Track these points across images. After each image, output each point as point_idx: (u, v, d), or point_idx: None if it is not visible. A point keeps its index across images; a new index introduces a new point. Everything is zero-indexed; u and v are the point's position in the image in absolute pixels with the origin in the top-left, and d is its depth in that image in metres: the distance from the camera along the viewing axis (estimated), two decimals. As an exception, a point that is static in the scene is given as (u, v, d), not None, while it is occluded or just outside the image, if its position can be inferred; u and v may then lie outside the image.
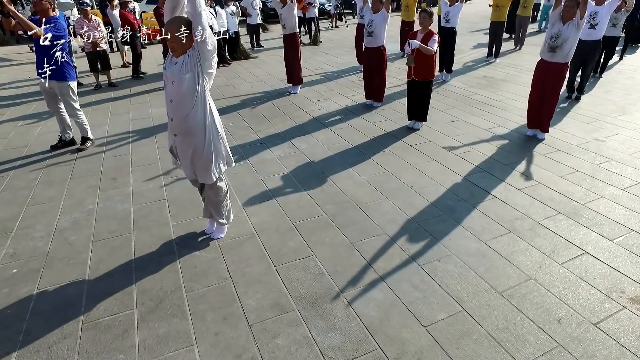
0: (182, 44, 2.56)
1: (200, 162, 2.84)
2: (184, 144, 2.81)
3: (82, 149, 4.90)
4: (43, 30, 3.93)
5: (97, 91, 7.51)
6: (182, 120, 2.71)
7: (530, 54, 9.81)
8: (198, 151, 2.80)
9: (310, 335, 2.35)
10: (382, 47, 6.01)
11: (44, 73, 3.99)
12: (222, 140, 2.91)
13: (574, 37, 4.41)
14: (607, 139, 4.95)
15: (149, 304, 2.59)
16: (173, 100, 2.70)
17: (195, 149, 2.80)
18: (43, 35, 3.85)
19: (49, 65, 4.29)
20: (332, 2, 16.15)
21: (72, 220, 3.52)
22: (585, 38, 5.80)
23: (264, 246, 3.13)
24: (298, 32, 6.98)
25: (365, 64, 6.31)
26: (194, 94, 2.66)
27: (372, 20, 5.85)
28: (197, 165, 2.86)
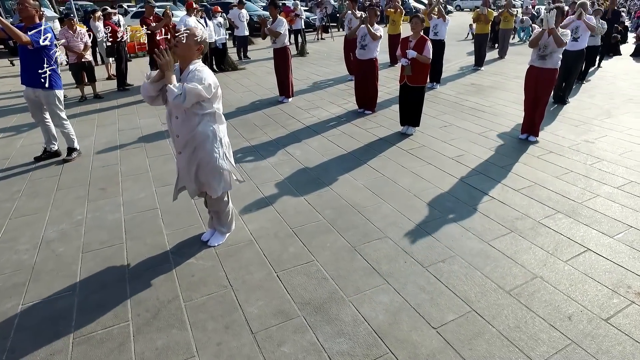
0: (185, 47, 2.55)
1: (205, 177, 2.79)
2: (190, 160, 2.75)
3: (68, 160, 4.74)
4: (29, 37, 3.82)
5: (82, 103, 7.34)
6: (189, 135, 2.67)
7: (514, 62, 10.07)
8: (203, 165, 2.76)
9: (318, 342, 2.25)
10: (374, 59, 6.03)
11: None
12: (227, 154, 2.86)
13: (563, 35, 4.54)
14: (597, 141, 5.04)
15: (145, 315, 2.46)
16: (179, 116, 2.67)
17: (200, 164, 2.76)
18: (27, 40, 3.75)
19: (31, 72, 4.17)
20: (317, 15, 16.37)
21: (60, 231, 3.36)
22: (569, 48, 5.98)
23: (264, 252, 3.03)
24: (288, 45, 6.98)
25: (357, 75, 6.33)
26: (202, 108, 2.64)
27: (366, 34, 5.88)
28: (203, 179, 2.81)
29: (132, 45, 12.14)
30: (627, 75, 8.82)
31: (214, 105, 2.71)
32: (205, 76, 2.56)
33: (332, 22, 18.75)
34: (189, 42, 2.56)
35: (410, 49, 4.84)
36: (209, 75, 2.61)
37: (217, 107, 2.74)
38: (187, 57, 2.61)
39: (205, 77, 2.55)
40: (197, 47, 2.61)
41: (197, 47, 2.61)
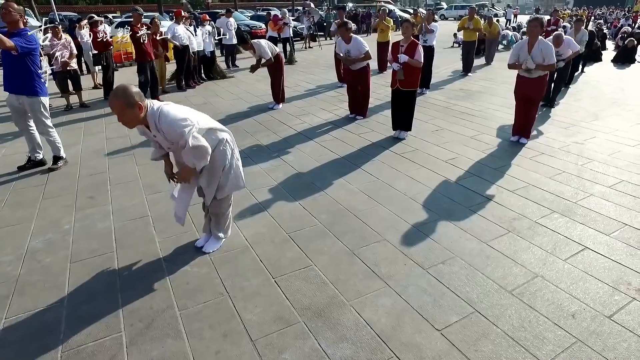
0: (133, 116, 2.32)
1: (209, 189, 2.79)
2: (206, 176, 2.76)
3: (54, 169, 4.60)
4: (13, 42, 3.71)
5: (68, 112, 7.19)
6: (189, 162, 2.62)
7: (501, 69, 10.21)
8: (205, 182, 2.76)
9: (320, 348, 2.17)
10: (365, 68, 6.04)
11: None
12: (233, 169, 2.83)
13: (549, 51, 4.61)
14: (586, 142, 5.11)
15: (139, 325, 2.36)
16: (175, 152, 2.64)
17: (202, 180, 2.76)
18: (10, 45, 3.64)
19: (14, 79, 4.06)
20: (304, 24, 16.48)
21: (46, 241, 3.23)
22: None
23: (260, 258, 2.95)
24: (279, 52, 6.95)
25: (349, 82, 6.32)
26: (196, 140, 2.53)
27: (349, 50, 5.88)
28: (206, 190, 2.80)
29: (119, 54, 12.01)
30: (610, 80, 9.04)
31: (203, 127, 2.56)
32: (171, 119, 2.36)
33: (320, 31, 18.90)
34: (126, 112, 2.29)
35: (401, 53, 4.85)
36: (175, 113, 2.39)
37: (207, 127, 2.61)
38: (139, 121, 2.39)
39: (172, 119, 2.36)
40: (137, 107, 2.30)
41: (137, 107, 2.30)
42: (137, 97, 2.29)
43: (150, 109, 2.39)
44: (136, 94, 2.29)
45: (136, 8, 7.40)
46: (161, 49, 8.28)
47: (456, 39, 15.82)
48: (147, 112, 2.37)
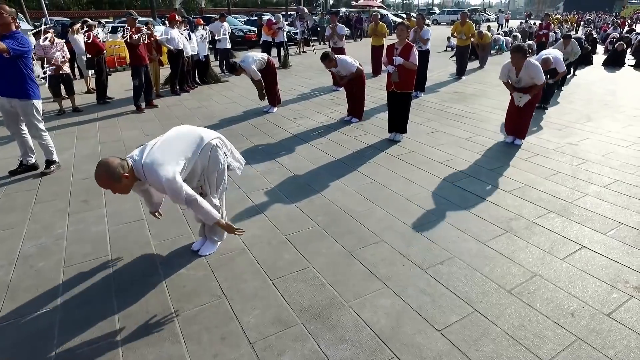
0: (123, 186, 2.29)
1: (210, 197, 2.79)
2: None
3: (47, 173, 4.53)
4: (5, 44, 3.67)
5: (61, 116, 7.11)
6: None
7: (494, 72, 10.28)
8: (207, 190, 2.78)
9: (320, 349, 2.15)
10: (360, 73, 6.05)
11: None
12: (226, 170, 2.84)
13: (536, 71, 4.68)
14: (580, 143, 5.15)
15: (135, 329, 2.31)
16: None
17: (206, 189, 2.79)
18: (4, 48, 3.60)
19: (6, 81, 4.01)
20: (298, 28, 16.53)
21: (39, 246, 3.17)
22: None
23: (257, 260, 2.92)
24: (268, 58, 6.92)
25: (346, 87, 6.35)
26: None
27: (339, 71, 6.02)
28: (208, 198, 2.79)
29: (112, 59, 11.94)
30: (601, 82, 9.16)
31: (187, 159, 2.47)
32: (155, 175, 2.27)
33: (314, 36, 18.98)
34: (116, 186, 2.26)
35: (396, 55, 4.87)
36: (157, 167, 2.28)
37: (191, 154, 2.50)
38: (132, 185, 2.37)
39: (156, 176, 2.27)
40: (123, 177, 2.24)
41: (123, 177, 2.24)
42: (120, 168, 2.21)
43: (135, 168, 2.31)
44: (118, 165, 2.21)
45: (130, 12, 7.36)
46: (155, 53, 8.24)
47: (449, 42, 15.96)
48: (134, 174, 2.31)
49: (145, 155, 2.33)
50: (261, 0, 50.29)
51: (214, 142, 2.65)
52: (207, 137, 2.63)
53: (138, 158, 2.33)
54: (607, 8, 42.91)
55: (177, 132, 2.58)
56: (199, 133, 2.61)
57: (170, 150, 2.41)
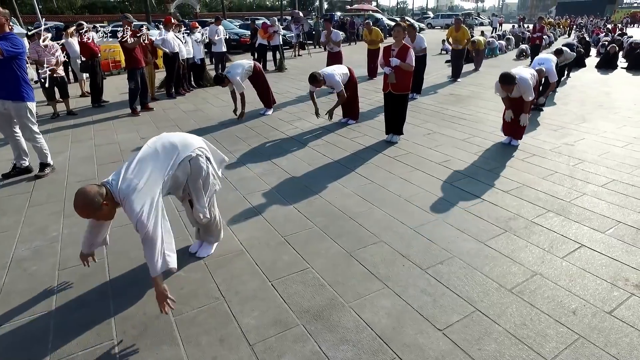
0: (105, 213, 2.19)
1: (199, 204, 2.69)
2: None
3: (41, 176, 4.48)
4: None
5: (55, 120, 7.05)
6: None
7: (489, 74, 10.41)
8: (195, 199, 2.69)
9: (321, 350, 2.12)
10: (350, 78, 6.04)
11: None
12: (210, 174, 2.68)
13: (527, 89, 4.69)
14: (576, 144, 5.18)
15: (132, 332, 2.27)
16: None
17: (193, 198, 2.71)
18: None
19: (1, 83, 3.96)
20: (293, 32, 16.56)
21: (33, 249, 3.12)
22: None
23: (256, 262, 2.89)
24: (254, 63, 6.87)
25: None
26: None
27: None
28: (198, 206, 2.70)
29: (106, 63, 11.89)
30: (595, 84, 9.24)
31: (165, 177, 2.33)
32: (135, 210, 2.12)
33: (309, 39, 19.03)
34: (98, 214, 2.17)
35: (393, 57, 4.88)
36: (138, 208, 2.13)
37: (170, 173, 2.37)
38: (114, 210, 2.27)
39: (133, 210, 2.12)
40: (104, 205, 2.13)
41: (104, 205, 2.13)
42: (98, 196, 2.09)
43: (113, 192, 2.17)
44: (96, 194, 2.09)
45: (126, 15, 7.33)
46: (150, 56, 8.21)
47: (444, 45, 16.06)
48: (113, 199, 2.19)
49: (121, 178, 2.19)
50: (256, 5, 50.43)
51: (193, 153, 2.49)
52: (186, 150, 2.47)
53: (114, 182, 2.19)
54: (599, 12, 43.45)
55: (154, 148, 2.38)
56: (177, 145, 2.44)
57: (146, 171, 2.24)
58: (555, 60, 6.40)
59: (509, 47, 17.14)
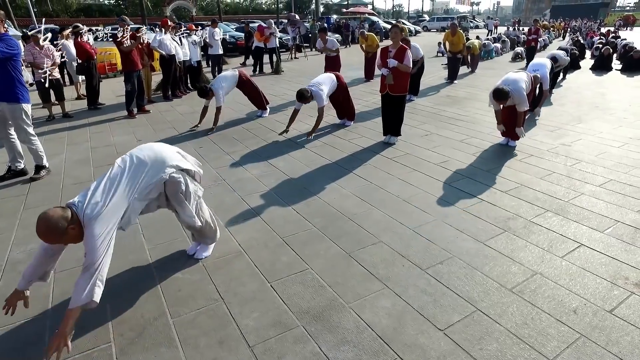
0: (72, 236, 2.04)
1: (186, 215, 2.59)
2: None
3: (36, 179, 4.43)
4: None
5: (50, 122, 7.00)
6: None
7: (485, 76, 10.45)
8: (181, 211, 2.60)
9: (321, 351, 2.10)
10: (339, 85, 5.97)
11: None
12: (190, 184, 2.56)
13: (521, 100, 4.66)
14: (573, 144, 5.19)
15: (129, 334, 2.24)
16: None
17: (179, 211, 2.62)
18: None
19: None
20: (290, 34, 16.59)
21: (28, 252, 3.08)
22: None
23: (255, 263, 2.86)
24: (238, 71, 6.78)
25: (331, 98, 6.19)
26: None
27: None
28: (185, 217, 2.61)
29: (102, 65, 11.84)
30: (590, 86, 9.30)
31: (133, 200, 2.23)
32: (95, 237, 2.01)
33: (305, 42, 19.07)
34: (65, 239, 2.03)
35: (390, 58, 4.88)
36: (98, 234, 2.03)
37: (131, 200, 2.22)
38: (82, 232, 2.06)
39: (93, 235, 2.01)
40: (69, 228, 1.98)
41: (69, 229, 1.99)
42: (62, 220, 1.95)
43: (79, 215, 2.03)
44: (59, 218, 1.95)
45: (123, 18, 7.30)
46: (147, 58, 8.18)
47: (440, 48, 16.13)
48: (80, 222, 2.03)
49: (86, 201, 2.05)
50: (252, 8, 50.52)
51: (165, 175, 2.36)
52: (158, 170, 2.34)
53: (80, 204, 2.06)
54: (592, 15, 43.81)
55: (124, 167, 2.26)
56: (147, 164, 2.31)
57: (113, 193, 2.12)
58: (550, 66, 6.41)
59: (505, 50, 17.24)
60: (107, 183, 2.17)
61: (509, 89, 4.54)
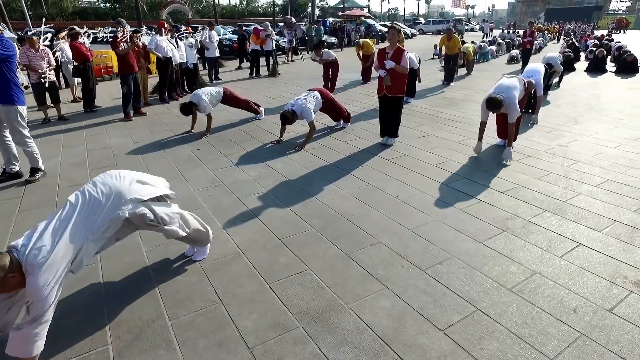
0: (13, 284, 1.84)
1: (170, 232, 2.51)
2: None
3: (32, 181, 4.39)
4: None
5: (46, 125, 6.96)
6: None
7: (480, 78, 10.50)
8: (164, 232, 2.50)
9: (321, 352, 2.08)
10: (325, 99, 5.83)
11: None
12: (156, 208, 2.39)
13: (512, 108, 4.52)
14: (569, 145, 5.22)
15: (127, 336, 2.21)
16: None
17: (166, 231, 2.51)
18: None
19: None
20: (286, 37, 16.61)
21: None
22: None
23: (253, 264, 2.84)
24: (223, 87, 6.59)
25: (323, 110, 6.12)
26: None
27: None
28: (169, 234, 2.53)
29: (98, 68, 11.79)
30: (585, 88, 9.36)
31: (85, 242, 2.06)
32: (39, 288, 1.82)
33: (302, 45, 19.10)
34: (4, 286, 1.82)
35: (387, 59, 4.89)
36: (44, 284, 1.84)
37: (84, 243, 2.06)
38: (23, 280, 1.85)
39: (37, 286, 1.82)
40: (8, 277, 1.78)
41: (8, 277, 1.79)
42: (1, 270, 1.76)
43: (21, 261, 1.84)
44: None
45: (119, 20, 7.28)
46: (143, 60, 8.15)
47: (435, 50, 16.20)
48: (22, 270, 1.84)
49: (31, 245, 1.87)
50: (248, 11, 50.58)
51: (123, 213, 2.19)
52: (116, 206, 2.17)
53: (24, 248, 1.86)
54: (586, 18, 44.21)
55: (78, 205, 2.11)
56: (104, 201, 2.15)
57: (63, 236, 1.96)
58: (543, 73, 6.34)
59: (500, 52, 17.35)
60: (56, 224, 1.99)
61: (502, 97, 4.40)
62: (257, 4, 55.28)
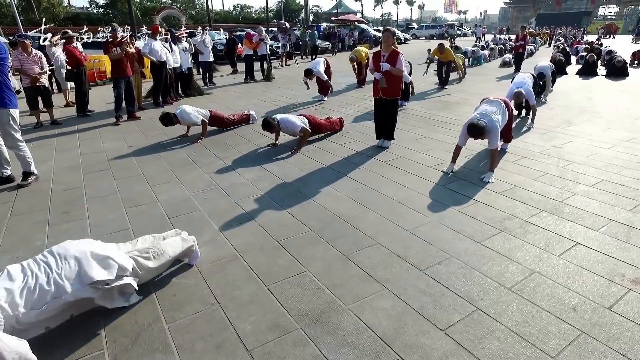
0: None
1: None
2: None
3: (24, 185, 4.33)
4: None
5: (39, 129, 6.88)
6: None
7: (474, 82, 10.57)
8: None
9: (322, 354, 2.05)
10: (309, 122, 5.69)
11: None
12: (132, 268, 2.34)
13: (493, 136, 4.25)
14: (564, 146, 5.26)
15: (123, 340, 2.17)
16: None
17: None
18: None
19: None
20: (280, 42, 16.65)
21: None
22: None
23: (251, 267, 2.81)
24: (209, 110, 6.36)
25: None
26: None
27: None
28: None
29: (92, 73, 11.71)
30: (577, 90, 9.46)
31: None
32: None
33: (296, 50, 19.15)
34: None
35: (383, 62, 4.90)
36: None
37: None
38: None
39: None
40: None
41: None
42: None
43: None
44: None
45: (113, 26, 7.24)
46: (137, 64, 8.11)
47: (429, 54, 16.30)
48: None
49: None
50: (242, 17, 50.70)
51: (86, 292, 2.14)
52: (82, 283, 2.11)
53: None
54: (576, 23, 44.86)
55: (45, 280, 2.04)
56: (48, 291, 2.03)
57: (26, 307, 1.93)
58: (532, 83, 6.30)
59: (492, 56, 17.53)
60: (23, 292, 1.93)
61: (484, 123, 4.12)
62: (250, 9, 55.48)
